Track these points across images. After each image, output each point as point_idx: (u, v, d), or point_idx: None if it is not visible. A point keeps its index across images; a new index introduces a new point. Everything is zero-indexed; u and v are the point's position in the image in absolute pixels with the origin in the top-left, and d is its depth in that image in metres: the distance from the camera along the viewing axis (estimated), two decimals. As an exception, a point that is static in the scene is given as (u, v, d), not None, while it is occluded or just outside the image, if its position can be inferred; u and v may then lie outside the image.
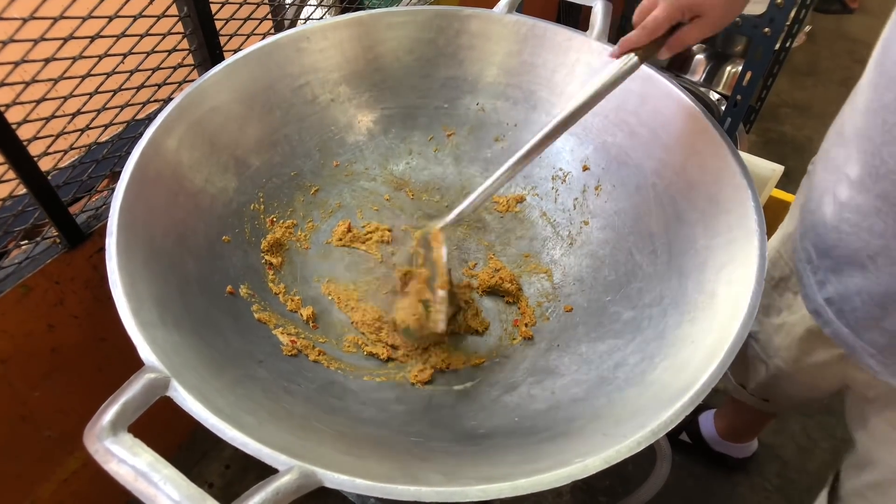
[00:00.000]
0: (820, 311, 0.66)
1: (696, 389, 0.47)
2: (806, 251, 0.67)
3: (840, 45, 2.54)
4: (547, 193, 0.85)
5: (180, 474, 0.40)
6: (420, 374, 0.67)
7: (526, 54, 0.84)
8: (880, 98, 0.53)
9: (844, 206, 0.59)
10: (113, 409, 0.42)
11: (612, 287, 0.72)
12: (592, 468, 0.43)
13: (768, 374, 0.88)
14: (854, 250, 0.59)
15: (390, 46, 0.85)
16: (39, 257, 0.75)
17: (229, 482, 1.20)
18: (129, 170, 0.60)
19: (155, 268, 0.58)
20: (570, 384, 0.62)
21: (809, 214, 0.66)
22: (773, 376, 0.87)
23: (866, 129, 0.55)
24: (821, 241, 0.63)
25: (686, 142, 0.69)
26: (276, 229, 0.78)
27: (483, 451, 0.53)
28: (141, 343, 0.47)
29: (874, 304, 0.58)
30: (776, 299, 0.82)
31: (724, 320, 0.53)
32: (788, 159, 1.96)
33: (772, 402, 0.96)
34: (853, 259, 0.59)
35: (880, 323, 0.58)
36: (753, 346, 0.89)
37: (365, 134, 0.87)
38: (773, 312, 0.84)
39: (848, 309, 0.62)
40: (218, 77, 0.72)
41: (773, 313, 0.84)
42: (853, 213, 0.58)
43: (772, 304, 0.84)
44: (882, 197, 0.54)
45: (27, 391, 0.80)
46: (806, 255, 0.66)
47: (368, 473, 0.42)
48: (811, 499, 1.23)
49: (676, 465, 0.81)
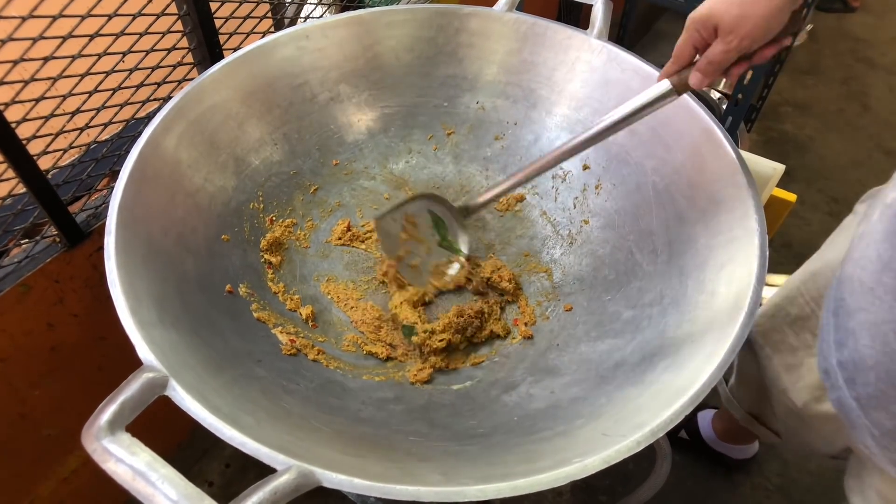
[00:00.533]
0: (830, 372, 0.59)
1: (695, 390, 0.47)
2: (833, 299, 0.59)
3: (842, 44, 2.53)
4: (547, 192, 0.85)
5: (178, 474, 0.40)
6: (419, 374, 0.67)
7: (526, 53, 0.84)
8: None
9: (886, 266, 0.51)
10: (111, 408, 0.42)
11: (612, 286, 0.71)
12: (592, 468, 0.43)
13: (778, 410, 0.83)
14: (882, 320, 0.52)
15: (390, 45, 0.85)
16: (39, 256, 0.75)
17: (229, 481, 1.20)
18: (127, 169, 0.60)
19: (154, 267, 0.57)
20: (570, 383, 0.62)
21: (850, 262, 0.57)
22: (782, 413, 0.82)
23: None
24: (851, 296, 0.56)
25: (687, 141, 0.69)
26: (275, 228, 0.78)
27: (482, 451, 0.53)
28: (139, 342, 0.47)
29: (890, 385, 0.52)
30: (790, 336, 0.77)
31: (725, 320, 0.53)
32: (789, 158, 1.96)
33: (784, 438, 0.91)
34: (879, 329, 0.52)
35: (891, 406, 0.52)
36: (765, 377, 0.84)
37: (364, 133, 0.87)
38: (785, 349, 0.78)
39: (861, 381, 0.55)
40: (217, 76, 0.72)
41: (785, 350, 0.78)
42: (892, 278, 0.50)
43: (784, 341, 0.78)
44: None
45: (27, 390, 0.80)
46: (835, 307, 0.59)
47: (367, 473, 0.42)
48: (812, 499, 1.23)
49: (676, 464, 0.80)
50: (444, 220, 0.73)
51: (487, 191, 0.70)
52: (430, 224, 0.73)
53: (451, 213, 0.72)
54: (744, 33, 0.52)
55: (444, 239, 0.73)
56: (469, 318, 0.71)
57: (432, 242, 0.73)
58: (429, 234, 0.73)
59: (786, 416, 0.82)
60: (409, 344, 0.71)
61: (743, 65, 0.54)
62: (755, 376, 0.87)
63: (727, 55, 0.53)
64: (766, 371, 0.83)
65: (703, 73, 0.55)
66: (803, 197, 1.24)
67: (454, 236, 0.73)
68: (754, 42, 0.53)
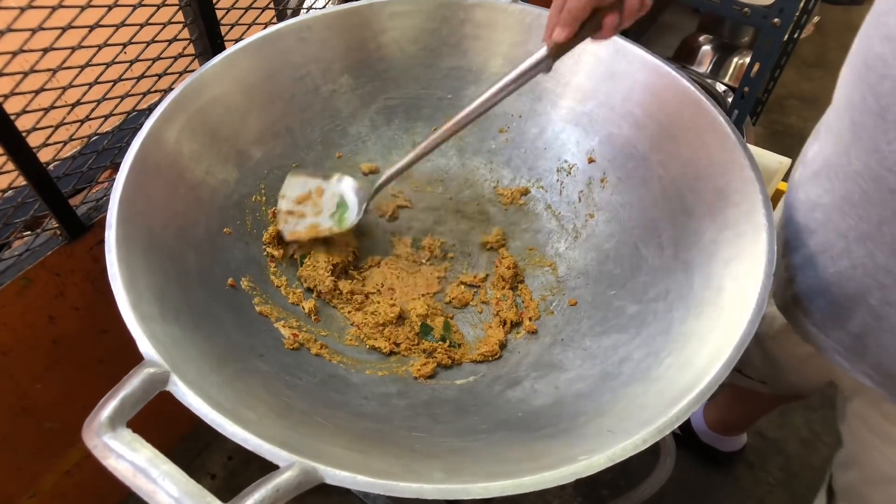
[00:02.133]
0: (788, 308, 0.65)
1: (702, 387, 0.46)
2: (782, 243, 0.65)
3: (848, 37, 2.49)
4: (552, 186, 0.84)
5: (179, 470, 0.40)
6: (422, 369, 0.67)
7: (531, 44, 0.82)
8: (849, 96, 0.51)
9: (815, 204, 0.58)
10: (111, 404, 0.42)
11: (617, 281, 0.71)
12: (597, 466, 0.42)
13: (759, 360, 0.87)
14: (820, 250, 0.58)
15: (393, 36, 0.84)
16: (40, 249, 0.74)
17: (232, 473, 1.20)
18: (128, 162, 0.59)
19: (155, 261, 0.57)
20: (575, 379, 0.61)
21: (787, 207, 0.64)
22: (763, 363, 0.86)
23: (837, 127, 0.53)
24: (793, 235, 0.62)
25: (693, 134, 0.68)
26: (278, 221, 0.77)
27: (486, 447, 0.52)
28: (140, 337, 0.47)
29: (839, 306, 0.57)
30: None
31: (731, 316, 0.52)
32: (794, 152, 1.93)
33: (769, 384, 0.94)
34: (818, 259, 0.58)
35: (846, 324, 0.57)
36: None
37: (368, 125, 0.87)
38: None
39: (814, 308, 0.61)
40: (218, 67, 0.71)
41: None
42: (820, 212, 0.57)
43: None
44: (846, 198, 0.53)
45: (28, 383, 0.79)
46: (781, 247, 0.65)
47: (370, 469, 0.41)
48: (814, 493, 1.23)
49: (679, 459, 0.81)
50: (348, 204, 0.77)
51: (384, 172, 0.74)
52: (336, 202, 0.78)
53: (357, 195, 0.77)
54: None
55: (338, 215, 0.77)
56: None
57: (326, 213, 0.77)
58: (328, 207, 0.77)
59: (768, 364, 0.86)
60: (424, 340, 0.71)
61: (613, 16, 0.54)
62: None
63: (579, 2, 0.54)
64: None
65: (563, 23, 0.56)
66: (809, 191, 1.25)
67: (348, 216, 0.76)
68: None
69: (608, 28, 0.55)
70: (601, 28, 0.55)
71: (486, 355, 0.69)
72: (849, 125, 0.51)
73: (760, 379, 0.94)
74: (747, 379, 0.96)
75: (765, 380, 0.94)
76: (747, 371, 0.94)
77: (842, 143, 0.52)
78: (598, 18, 0.55)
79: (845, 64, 0.53)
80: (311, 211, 0.77)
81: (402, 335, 0.71)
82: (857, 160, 0.50)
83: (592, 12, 0.54)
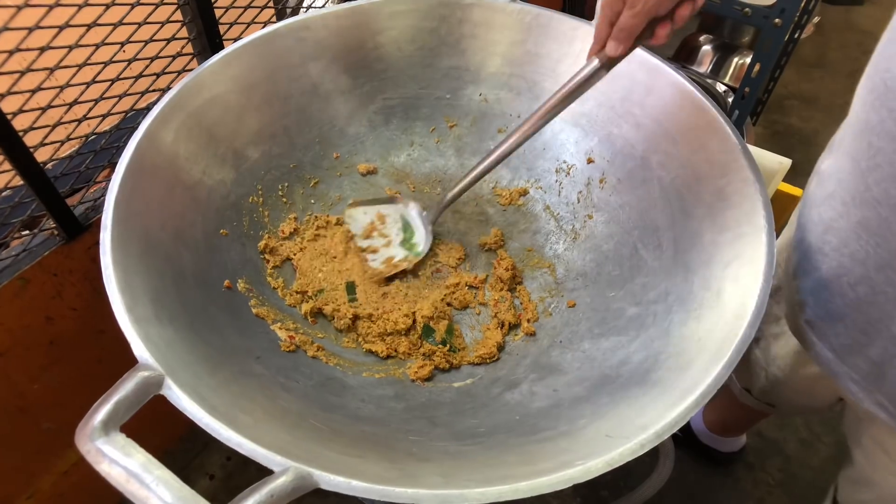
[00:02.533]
0: (802, 331, 0.64)
1: (701, 391, 0.46)
2: (791, 264, 0.64)
3: (849, 37, 2.50)
4: (551, 186, 0.84)
5: (173, 475, 0.39)
6: (420, 371, 0.66)
7: (530, 44, 0.82)
8: (867, 117, 0.49)
9: (828, 226, 0.56)
10: (105, 408, 0.41)
11: (616, 282, 0.70)
12: (595, 471, 0.42)
13: (768, 381, 0.86)
14: (835, 274, 0.56)
15: (392, 36, 0.83)
16: (37, 249, 0.74)
17: (230, 473, 1.20)
18: (124, 162, 0.59)
19: (151, 262, 0.57)
20: (573, 382, 0.61)
21: (800, 228, 0.63)
22: (772, 383, 0.86)
23: (854, 149, 0.52)
24: (804, 257, 0.61)
25: (693, 134, 0.68)
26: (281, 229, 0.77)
27: (483, 451, 0.52)
28: (134, 340, 0.46)
29: (859, 332, 0.56)
30: (773, 306, 0.79)
31: (731, 319, 0.52)
32: (795, 152, 1.93)
33: (777, 407, 0.94)
34: (834, 284, 0.57)
35: (865, 350, 0.56)
36: (754, 350, 0.88)
37: (366, 125, 0.86)
38: (771, 320, 0.81)
39: (832, 333, 0.59)
40: (215, 67, 0.71)
41: (771, 321, 0.81)
42: (835, 236, 0.56)
43: (769, 311, 0.81)
44: (863, 224, 0.51)
45: (26, 383, 0.79)
46: (791, 269, 0.64)
47: (366, 474, 0.41)
48: (813, 494, 1.23)
49: (678, 459, 0.81)
50: (412, 225, 0.79)
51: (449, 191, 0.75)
52: (400, 226, 0.79)
53: (421, 218, 0.79)
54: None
55: (407, 241, 0.78)
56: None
57: (395, 240, 0.78)
58: (394, 232, 0.78)
59: (778, 385, 0.85)
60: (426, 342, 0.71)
61: (665, 25, 0.54)
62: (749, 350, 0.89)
63: (635, 19, 0.53)
64: (759, 342, 0.85)
65: (617, 39, 0.56)
66: (809, 191, 1.24)
67: (418, 240, 0.78)
68: (660, 5, 0.53)
69: (660, 36, 0.55)
70: (653, 36, 0.55)
71: (484, 358, 0.69)
72: (866, 149, 0.49)
73: (769, 402, 0.94)
74: (755, 401, 0.95)
75: (773, 402, 0.93)
76: (756, 392, 0.94)
77: (858, 168, 0.50)
78: (651, 28, 0.55)
79: (862, 81, 0.51)
80: (381, 242, 0.77)
81: (404, 340, 0.70)
82: (875, 186, 0.48)
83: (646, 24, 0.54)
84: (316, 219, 0.80)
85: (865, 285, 0.53)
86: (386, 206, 0.80)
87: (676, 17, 0.54)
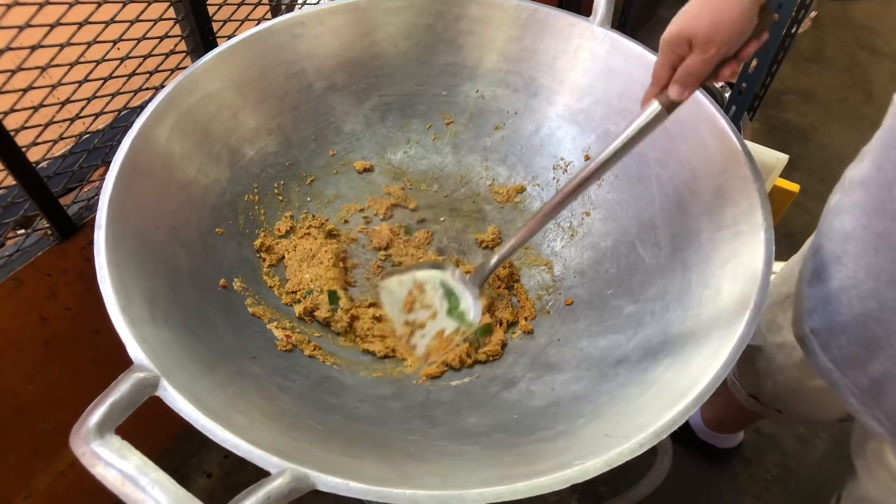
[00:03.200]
0: (805, 339, 0.63)
1: (699, 390, 0.46)
2: (807, 271, 0.63)
3: (846, 32, 2.50)
4: (548, 183, 0.83)
5: (169, 478, 0.39)
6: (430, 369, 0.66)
7: (527, 40, 0.82)
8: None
9: (849, 235, 0.56)
10: (100, 410, 0.41)
11: (613, 280, 0.70)
12: (593, 471, 0.42)
13: (776, 388, 0.86)
14: (848, 285, 0.56)
15: (388, 32, 0.83)
16: (30, 249, 0.73)
17: (228, 472, 1.19)
18: (118, 161, 0.58)
19: (145, 262, 0.56)
20: (571, 380, 0.61)
21: (820, 235, 0.62)
22: (780, 391, 0.85)
23: (882, 159, 0.51)
24: (821, 265, 0.60)
25: (691, 131, 0.68)
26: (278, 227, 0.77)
27: (481, 451, 0.52)
28: (129, 341, 0.46)
29: (860, 346, 0.55)
30: (779, 315, 0.79)
31: (729, 317, 0.52)
32: (792, 147, 1.94)
33: (785, 414, 0.93)
34: (844, 295, 0.56)
35: (865, 366, 0.56)
36: (761, 359, 0.87)
37: (362, 122, 0.86)
38: (774, 329, 0.81)
39: (834, 345, 0.59)
40: (210, 64, 0.70)
41: (774, 330, 0.81)
42: (854, 246, 0.55)
43: (774, 321, 0.81)
44: (883, 237, 0.51)
45: (21, 384, 0.79)
46: (806, 276, 0.63)
47: (363, 475, 0.41)
48: (810, 489, 1.23)
49: (676, 455, 0.81)
50: (455, 291, 0.70)
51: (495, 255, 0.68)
52: (442, 294, 0.70)
53: (464, 283, 0.70)
54: (720, 41, 0.51)
55: (454, 309, 0.69)
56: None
57: (441, 310, 0.70)
58: (437, 301, 0.70)
59: (785, 393, 0.84)
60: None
61: (731, 65, 0.53)
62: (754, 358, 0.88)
63: (706, 65, 0.52)
64: (763, 351, 0.84)
65: (684, 84, 0.54)
66: (805, 186, 1.23)
67: (466, 308, 0.69)
68: (731, 48, 0.52)
69: (724, 76, 0.54)
70: (716, 77, 0.54)
71: (489, 355, 0.68)
72: (894, 160, 0.48)
73: (776, 408, 0.93)
74: (763, 407, 0.95)
75: (780, 409, 0.93)
76: (763, 399, 0.93)
77: (884, 178, 0.50)
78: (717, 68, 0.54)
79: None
80: (426, 315, 0.70)
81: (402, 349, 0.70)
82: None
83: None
84: (313, 218, 0.80)
85: (874, 300, 0.52)
86: (423, 272, 0.72)
87: (742, 55, 0.53)
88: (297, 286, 0.72)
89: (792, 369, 0.78)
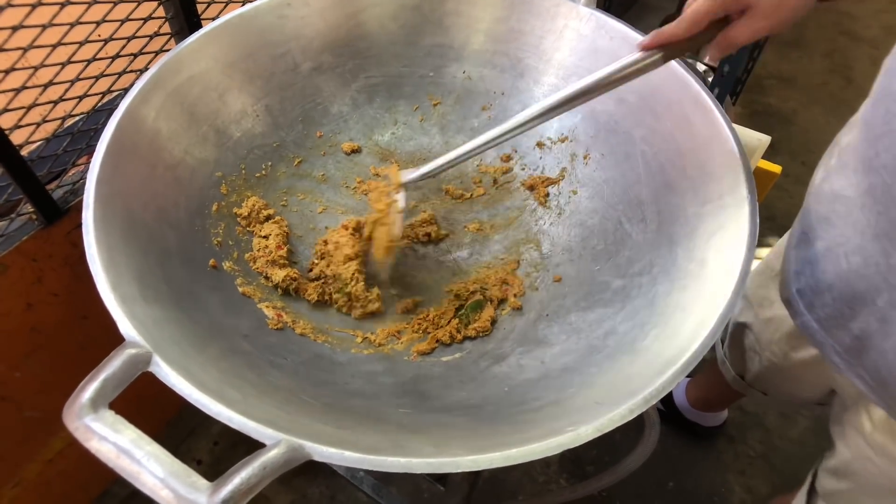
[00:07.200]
0: (792, 301, 0.65)
1: (687, 357, 0.47)
2: (795, 235, 0.65)
3: (826, 17, 2.53)
4: (535, 163, 0.84)
5: (164, 450, 0.39)
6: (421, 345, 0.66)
7: (513, 21, 0.82)
8: (889, 85, 0.49)
9: (838, 195, 0.56)
10: (93, 385, 0.41)
11: (601, 256, 0.71)
12: (585, 437, 0.42)
13: (762, 367, 0.87)
14: (836, 243, 0.57)
15: (374, 13, 0.82)
16: (15, 234, 0.73)
17: (217, 459, 1.19)
18: (104, 141, 0.58)
19: (134, 242, 0.56)
20: (561, 353, 0.62)
21: (809, 199, 0.63)
22: (766, 369, 0.87)
23: (871, 116, 0.52)
24: (810, 227, 0.61)
25: (676, 109, 0.68)
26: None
27: (474, 422, 0.53)
28: (120, 317, 0.46)
29: (844, 304, 0.57)
30: (772, 291, 0.80)
31: (715, 288, 0.53)
32: (773, 131, 1.95)
33: (771, 396, 0.95)
34: (831, 254, 0.57)
35: (848, 323, 0.57)
36: (749, 336, 0.89)
37: (349, 103, 0.85)
38: (766, 304, 0.82)
39: (819, 304, 0.60)
40: (195, 45, 0.70)
41: (765, 305, 0.82)
42: (842, 204, 0.56)
43: (766, 296, 0.83)
44: (869, 192, 0.52)
45: (7, 371, 0.78)
46: (797, 241, 0.64)
47: (358, 446, 0.41)
48: (793, 465, 1.26)
49: (662, 434, 0.82)
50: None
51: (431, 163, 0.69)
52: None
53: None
54: (779, 20, 0.50)
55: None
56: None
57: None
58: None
59: (771, 371, 0.86)
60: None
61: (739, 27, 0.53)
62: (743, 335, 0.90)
63: (753, 37, 0.51)
64: (752, 327, 0.86)
65: (722, 50, 0.53)
66: (787, 170, 1.25)
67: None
68: (784, 28, 0.51)
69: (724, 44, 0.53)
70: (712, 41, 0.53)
71: (479, 331, 0.69)
72: (882, 115, 0.49)
73: (762, 389, 0.95)
74: (748, 387, 0.97)
75: (765, 389, 0.95)
76: (749, 378, 0.95)
77: (872, 134, 0.51)
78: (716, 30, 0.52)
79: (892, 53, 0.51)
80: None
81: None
82: (885, 152, 0.48)
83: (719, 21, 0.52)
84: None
85: (859, 255, 0.54)
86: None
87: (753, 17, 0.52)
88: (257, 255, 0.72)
89: (779, 343, 0.80)
